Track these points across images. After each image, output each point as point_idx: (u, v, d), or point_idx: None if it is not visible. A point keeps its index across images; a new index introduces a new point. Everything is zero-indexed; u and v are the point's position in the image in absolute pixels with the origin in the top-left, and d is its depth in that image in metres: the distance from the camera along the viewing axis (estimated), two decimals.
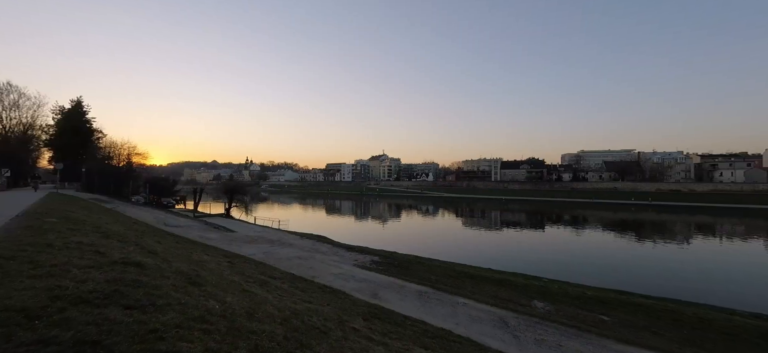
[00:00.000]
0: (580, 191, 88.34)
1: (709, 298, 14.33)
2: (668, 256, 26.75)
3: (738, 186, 76.54)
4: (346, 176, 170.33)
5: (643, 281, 18.26)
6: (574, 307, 10.59)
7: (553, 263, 22.67)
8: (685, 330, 9.37)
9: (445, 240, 33.02)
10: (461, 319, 7.95)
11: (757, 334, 9.37)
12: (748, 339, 8.99)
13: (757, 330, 9.62)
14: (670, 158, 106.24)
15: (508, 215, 55.79)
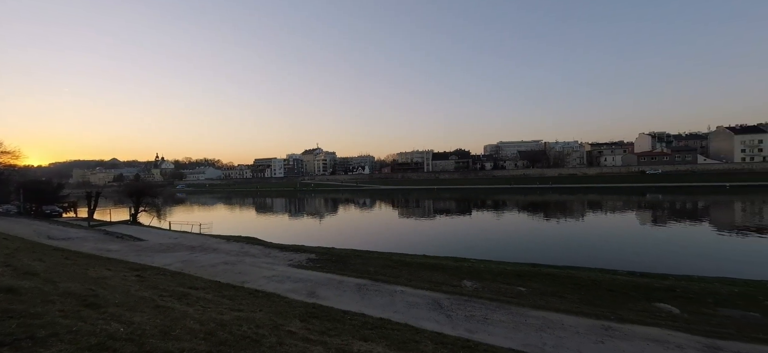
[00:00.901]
0: (500, 178, 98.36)
1: (597, 263, 17.23)
2: (568, 230, 31.44)
3: (617, 169, 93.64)
4: (277, 172, 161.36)
5: (550, 253, 21.17)
6: (498, 282, 11.74)
7: (479, 245, 24.88)
8: (582, 291, 11.10)
9: (383, 232, 33.76)
10: (399, 307, 8.17)
11: (632, 287, 11.58)
12: (626, 293, 11.04)
13: (631, 284, 11.89)
14: (569, 146, 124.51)
15: (440, 204, 59.39)
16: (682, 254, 20.99)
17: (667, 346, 6.15)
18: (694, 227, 31.24)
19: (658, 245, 24.41)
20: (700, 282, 12.54)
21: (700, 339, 6.46)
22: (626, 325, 7.13)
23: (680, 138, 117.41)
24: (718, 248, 22.97)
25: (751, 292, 11.16)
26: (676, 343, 6.25)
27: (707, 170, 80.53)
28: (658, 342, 6.28)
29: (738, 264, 17.76)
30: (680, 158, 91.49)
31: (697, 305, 9.94)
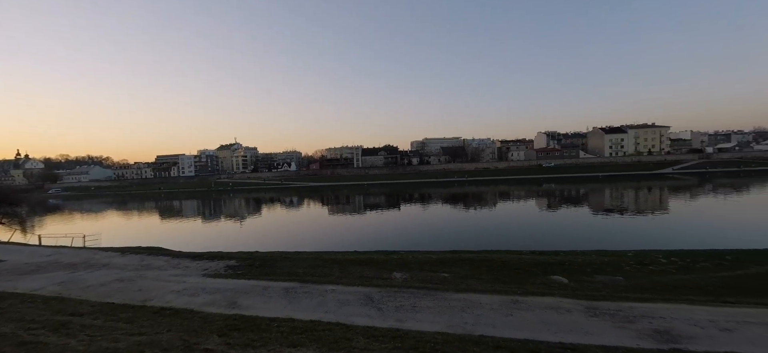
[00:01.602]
0: (426, 172, 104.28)
1: (507, 245, 19.56)
2: (483, 217, 34.99)
3: (521, 163, 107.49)
4: (186, 170, 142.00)
5: (469, 239, 23.29)
6: (425, 271, 12.42)
7: (408, 236, 26.03)
8: (495, 272, 12.45)
9: (312, 231, 32.84)
10: (330, 306, 8.03)
11: (533, 264, 13.42)
12: (529, 270, 12.75)
13: (533, 262, 13.78)
14: (483, 143, 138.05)
15: (370, 199, 60.30)
16: (569, 233, 25.22)
17: (559, 311, 7.27)
18: (577, 210, 37.78)
19: (552, 227, 28.89)
20: (582, 256, 15.18)
21: (583, 302, 7.81)
22: (529, 297, 8.22)
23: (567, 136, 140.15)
24: (593, 226, 28.22)
25: (616, 261, 13.93)
26: (566, 308, 7.43)
27: (586, 163, 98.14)
28: (554, 309, 7.39)
29: (607, 238, 22.11)
30: (567, 153, 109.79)
31: (580, 274, 12.01)
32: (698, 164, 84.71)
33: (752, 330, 6.01)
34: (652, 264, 13.15)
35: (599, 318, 6.85)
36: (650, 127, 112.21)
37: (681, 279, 10.99)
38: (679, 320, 6.54)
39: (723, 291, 9.19)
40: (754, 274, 11.05)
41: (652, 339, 5.83)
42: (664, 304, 7.51)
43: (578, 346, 5.48)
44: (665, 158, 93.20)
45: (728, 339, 5.70)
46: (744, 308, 7.13)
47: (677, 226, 26.59)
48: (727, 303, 7.59)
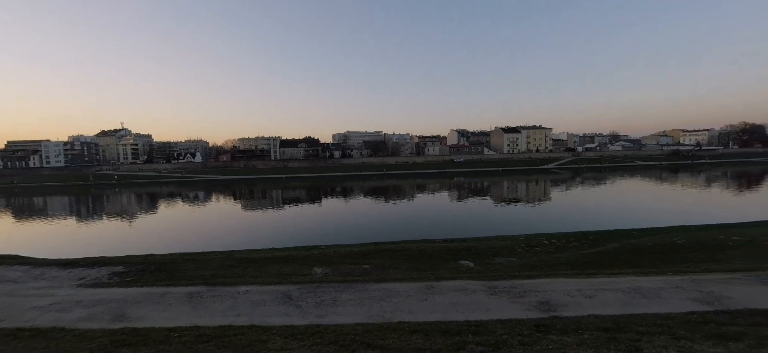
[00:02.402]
0: (348, 165, 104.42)
1: (423, 234, 20.90)
2: (402, 209, 36.72)
3: (436, 157, 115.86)
4: (53, 160, 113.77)
5: (389, 230, 24.18)
6: (346, 264, 12.41)
7: (330, 230, 25.70)
8: (412, 260, 13.17)
9: (222, 229, 29.88)
10: (243, 308, 7.40)
11: (445, 251, 14.62)
12: (442, 256, 13.84)
13: (445, 249, 15.00)
14: (403, 138, 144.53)
15: (289, 193, 57.65)
16: (475, 221, 28.26)
17: (466, 292, 8.06)
18: (482, 200, 42.56)
19: (461, 216, 31.96)
20: (485, 241, 17.15)
21: (486, 282, 8.81)
22: (442, 282, 8.91)
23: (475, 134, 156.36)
24: (494, 215, 32.18)
25: (511, 244, 16.11)
26: (472, 289, 8.28)
27: (489, 159, 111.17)
28: (462, 291, 8.15)
29: (505, 225, 25.43)
30: (475, 150, 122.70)
31: (483, 258, 13.54)
32: (572, 160, 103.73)
33: (607, 295, 7.60)
34: (538, 246, 15.61)
35: (498, 295, 7.81)
36: (538, 128, 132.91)
37: (558, 257, 13.29)
38: (556, 292, 7.87)
39: (587, 266, 11.42)
40: (609, 250, 14.03)
41: (537, 310, 6.89)
42: (546, 279, 8.96)
43: (481, 322, 6.14)
44: (549, 155, 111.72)
45: (590, 304, 7.10)
46: (601, 278, 8.97)
47: (556, 212, 32.15)
48: (590, 275, 9.44)
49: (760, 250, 12.66)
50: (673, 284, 8.20)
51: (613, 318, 6.14)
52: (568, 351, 4.65)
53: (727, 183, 54.88)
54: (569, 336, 5.22)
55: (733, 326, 5.44)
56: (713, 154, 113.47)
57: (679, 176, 67.34)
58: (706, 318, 5.99)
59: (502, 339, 5.22)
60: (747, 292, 7.53)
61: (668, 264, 10.86)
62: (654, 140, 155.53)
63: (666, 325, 5.62)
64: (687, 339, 4.93)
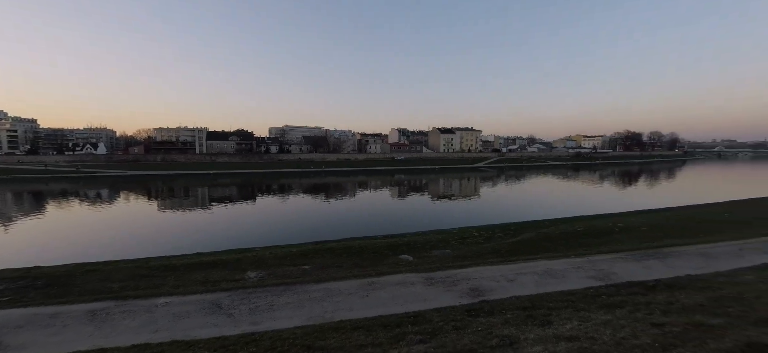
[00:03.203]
0: (286, 161, 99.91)
1: (365, 231, 21.07)
2: (345, 207, 36.48)
3: (378, 155, 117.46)
4: None
5: (331, 229, 23.79)
6: (284, 266, 11.88)
7: (266, 231, 24.28)
8: (354, 258, 13.17)
9: (135, 233, 26.19)
10: (162, 323, 6.60)
11: (386, 247, 14.93)
12: (383, 252, 14.10)
13: (386, 245, 15.32)
14: (344, 135, 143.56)
15: (218, 191, 52.99)
16: (414, 217, 29.40)
17: (406, 285, 8.34)
18: (420, 197, 44.45)
19: (401, 212, 32.95)
20: (423, 236, 17.96)
21: (423, 274, 9.23)
22: (383, 277, 9.08)
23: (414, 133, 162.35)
24: (432, 210, 33.87)
25: (446, 237, 17.13)
26: (411, 282, 8.61)
27: (428, 157, 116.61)
28: (402, 284, 8.41)
29: (441, 219, 26.93)
30: (414, 148, 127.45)
31: (421, 251, 14.17)
32: (498, 160, 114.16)
33: (525, 278, 8.54)
34: (469, 238, 16.88)
35: (434, 286, 8.24)
36: (470, 130, 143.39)
37: (486, 247, 14.54)
38: (484, 278, 8.60)
39: (509, 253, 12.70)
40: (526, 239, 15.77)
41: (468, 296, 7.44)
42: (476, 268, 9.72)
43: (419, 313, 6.41)
44: (479, 155, 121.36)
45: (512, 287, 7.91)
46: (520, 263, 10.04)
47: (485, 207, 35.11)
48: (512, 261, 10.52)
49: (636, 234, 15.51)
50: (575, 265, 9.58)
51: (530, 298, 6.93)
52: (494, 330, 5.12)
53: (614, 180, 66.22)
54: (495, 317, 5.75)
55: (617, 296, 6.55)
56: (605, 156, 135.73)
57: (580, 174, 79.07)
58: (599, 291, 7.12)
59: (439, 326, 5.52)
60: (627, 268, 9.16)
61: (571, 249, 12.66)
62: (562, 143, 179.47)
63: (570, 300, 6.54)
64: (585, 309, 5.80)
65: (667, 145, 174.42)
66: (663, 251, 11.04)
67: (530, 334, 4.58)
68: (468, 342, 4.46)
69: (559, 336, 4.34)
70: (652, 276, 8.24)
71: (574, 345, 3.91)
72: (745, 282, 7.08)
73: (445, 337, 5.05)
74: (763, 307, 5.03)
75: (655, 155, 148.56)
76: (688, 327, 4.20)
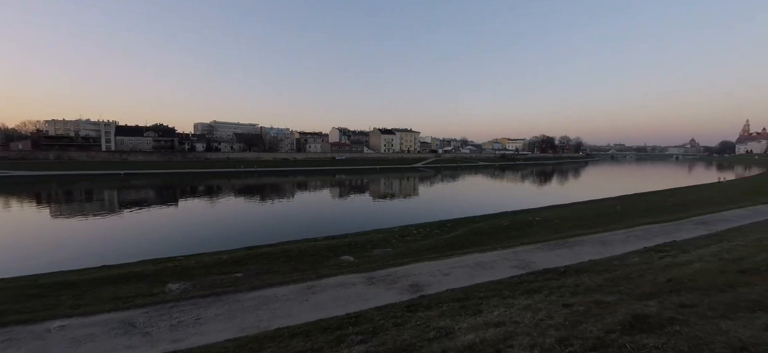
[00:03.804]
0: (215, 161, 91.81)
1: (305, 234, 20.36)
2: (283, 209, 34.84)
3: (319, 154, 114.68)
4: None
5: (267, 232, 22.48)
6: (213, 275, 10.87)
7: (190, 238, 21.99)
8: (293, 262, 12.63)
9: (17, 245, 21.60)
10: (58, 350, 5.53)
11: (327, 248, 14.62)
12: (323, 254, 13.77)
13: (327, 246, 14.99)
14: (282, 133, 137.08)
15: (131, 194, 46.41)
16: (356, 217, 29.36)
17: (347, 286, 8.26)
18: (362, 196, 44.59)
19: (343, 212, 32.67)
20: (364, 235, 18.02)
21: (364, 274, 9.24)
22: (323, 280, 8.87)
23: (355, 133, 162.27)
24: (373, 209, 34.21)
25: (387, 236, 17.44)
26: (352, 282, 8.55)
27: (369, 158, 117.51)
28: (343, 285, 8.31)
29: (382, 218, 27.34)
30: (355, 148, 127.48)
31: (363, 251, 14.19)
32: (435, 160, 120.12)
33: (458, 272, 9.10)
34: (409, 236, 17.43)
35: (375, 285, 8.31)
36: (409, 132, 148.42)
37: (424, 244, 15.17)
38: (423, 274, 8.95)
39: (445, 248, 13.43)
40: (460, 234, 16.83)
41: (408, 292, 7.66)
42: (415, 264, 10.07)
43: (360, 313, 6.40)
44: (418, 156, 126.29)
45: (447, 281, 8.36)
46: (455, 258, 10.68)
47: (423, 205, 36.64)
48: (447, 256, 11.13)
49: (551, 226, 17.65)
50: (502, 256, 10.52)
51: (463, 290, 7.40)
52: (432, 323, 5.34)
53: (533, 179, 74.61)
54: (432, 310, 6.00)
55: (536, 283, 7.36)
56: (526, 157, 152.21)
57: (505, 174, 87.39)
58: (521, 279, 7.91)
59: (380, 324, 5.57)
60: (543, 257, 10.35)
61: (499, 241, 13.90)
62: (490, 145, 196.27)
63: (497, 289, 7.15)
64: (510, 296, 6.39)
65: (574, 148, 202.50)
66: (571, 240, 12.75)
67: (464, 323, 4.87)
68: (407, 338, 4.57)
69: (488, 323, 4.70)
70: (563, 263, 9.44)
71: (501, 330, 4.26)
72: (632, 264, 8.52)
73: (386, 335, 5.11)
74: (645, 284, 6.10)
75: (565, 157, 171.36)
76: (590, 305, 4.89)
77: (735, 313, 3.75)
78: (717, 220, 16.38)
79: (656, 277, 6.50)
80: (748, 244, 9.45)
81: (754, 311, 3.76)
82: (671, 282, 5.80)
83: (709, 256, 8.19)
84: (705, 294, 4.68)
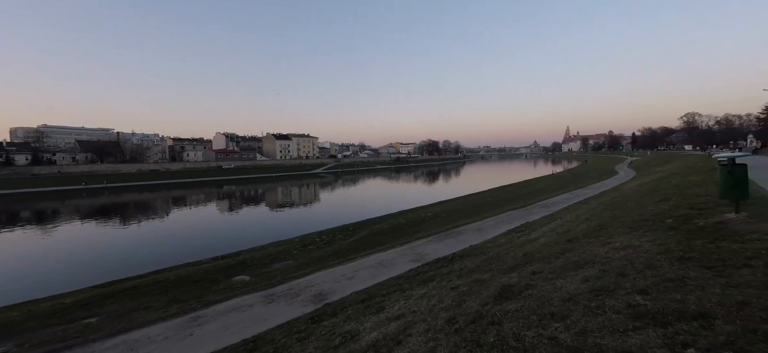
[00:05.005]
0: (46, 177, 70.49)
1: (186, 257, 17.52)
2: (154, 231, 29.16)
3: (199, 164, 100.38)
4: None
5: (134, 262, 18.40)
6: (49, 327, 8.30)
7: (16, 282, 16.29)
8: (171, 292, 10.71)
9: None
10: None
11: (216, 271, 12.94)
12: (211, 278, 12.13)
13: (215, 268, 13.28)
14: (149, 140, 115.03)
15: None
16: (250, 231, 26.84)
17: (241, 309, 7.47)
18: (256, 208, 41.10)
19: (234, 228, 29.45)
20: (261, 250, 16.68)
21: (263, 292, 8.53)
22: (212, 307, 7.80)
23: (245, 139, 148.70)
24: (270, 221, 31.95)
25: (288, 248, 16.55)
26: (248, 304, 7.78)
27: (262, 165, 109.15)
28: (237, 309, 7.48)
29: (281, 230, 25.76)
30: (246, 156, 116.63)
31: (260, 267, 13.09)
32: (335, 166, 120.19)
33: (362, 273, 9.30)
34: (311, 244, 16.95)
35: (275, 301, 7.77)
36: (307, 137, 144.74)
37: (327, 251, 14.99)
38: (327, 282, 8.82)
39: (349, 252, 13.56)
40: (363, 236, 17.26)
41: (312, 303, 7.42)
42: (318, 273, 9.84)
43: (259, 335, 5.88)
44: (317, 162, 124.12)
45: (351, 284, 8.45)
46: (358, 260, 10.89)
47: (325, 211, 36.18)
48: (351, 259, 11.26)
49: (440, 220, 19.81)
50: (401, 253, 11.26)
51: (366, 290, 7.61)
52: (337, 329, 5.31)
53: (424, 179, 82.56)
54: (337, 317, 5.97)
55: (430, 272, 8.14)
56: (417, 160, 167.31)
57: (400, 175, 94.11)
58: (418, 271, 8.62)
59: (282, 343, 5.22)
60: (435, 248, 11.54)
61: (398, 239, 14.84)
62: (386, 149, 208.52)
63: (398, 284, 7.62)
64: (409, 289, 6.89)
65: (454, 150, 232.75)
66: (455, 230, 14.59)
67: (368, 323, 5.01)
68: (312, 350, 4.43)
69: (390, 318, 4.95)
70: (451, 251, 10.71)
71: (401, 322, 4.55)
72: (500, 245, 10.27)
73: (289, 351, 4.84)
74: (509, 260, 7.43)
75: (448, 158, 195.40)
76: (472, 284, 5.68)
77: (565, 273, 4.93)
78: (552, 203, 21.28)
79: (516, 253, 8.01)
80: (571, 220, 12.57)
81: (576, 269, 5.03)
82: (526, 255, 7.24)
83: (549, 231, 10.56)
84: (547, 262, 6.01)
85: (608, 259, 4.90)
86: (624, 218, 8.25)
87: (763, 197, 7.54)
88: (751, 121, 79.44)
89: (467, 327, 3.61)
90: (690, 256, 4.19)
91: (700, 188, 10.21)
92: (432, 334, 3.73)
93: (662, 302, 3.01)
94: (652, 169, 34.76)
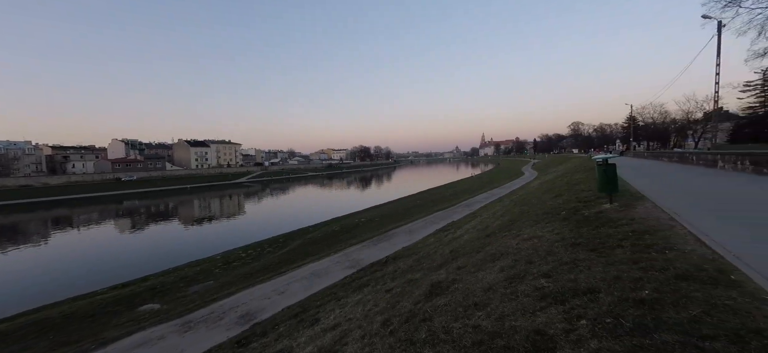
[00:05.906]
0: None
1: (75, 290, 14.50)
2: (24, 264, 23.49)
3: (90, 176, 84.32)
4: None
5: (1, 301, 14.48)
6: None
7: None
8: (52, 335, 8.74)
9: None
10: None
11: (115, 301, 11.00)
12: (109, 311, 10.25)
13: (115, 299, 11.27)
14: (16, 148, 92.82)
15: None
16: (161, 252, 23.44)
17: (151, 343, 6.48)
18: (167, 225, 36.17)
19: (139, 251, 25.38)
20: (175, 272, 14.72)
21: (177, 321, 7.53)
22: (110, 346, 6.60)
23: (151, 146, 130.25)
24: (186, 239, 28.42)
25: (208, 267, 14.92)
26: (159, 335, 6.78)
27: (174, 175, 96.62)
28: (144, 344, 6.45)
29: (200, 248, 23.09)
30: (152, 165, 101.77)
31: (173, 293, 11.54)
32: (261, 174, 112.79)
33: (295, 286, 8.87)
34: (236, 261, 15.58)
35: (194, 329, 6.93)
36: (228, 143, 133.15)
37: (255, 266, 13.95)
38: (255, 299, 8.19)
39: (280, 265, 12.82)
40: (295, 247, 16.49)
41: (238, 325, 6.81)
42: (245, 291, 9.09)
43: None
44: (241, 170, 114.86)
45: (283, 299, 7.99)
46: (290, 273, 10.37)
47: (252, 224, 33.61)
48: (282, 273, 10.66)
49: (373, 224, 20.07)
50: (335, 260, 11.08)
51: (300, 303, 7.29)
52: (268, 349, 4.96)
53: (357, 184, 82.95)
54: (268, 336, 5.59)
55: (365, 277, 8.17)
56: (350, 166, 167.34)
57: (333, 182, 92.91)
58: (353, 277, 8.58)
59: None
60: (369, 253, 11.64)
61: (332, 247, 14.57)
62: (318, 155, 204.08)
63: (333, 292, 7.47)
64: (344, 296, 6.81)
65: (385, 156, 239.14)
66: (388, 234, 14.94)
67: (302, 338, 4.79)
68: None
69: (325, 329, 4.82)
70: (384, 254, 10.92)
71: (337, 332, 4.46)
72: (429, 244, 10.84)
73: None
74: (437, 258, 7.88)
75: (380, 164, 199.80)
76: (405, 285, 5.87)
77: (485, 265, 5.44)
78: (473, 203, 23.34)
79: (444, 251, 8.56)
80: (489, 217, 13.94)
81: (494, 261, 5.59)
82: (452, 252, 7.78)
83: (471, 229, 11.54)
84: (470, 257, 6.55)
85: (519, 249, 5.55)
86: (530, 213, 9.46)
87: (627, 190, 9.42)
88: (618, 128, 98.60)
89: (401, 327, 3.71)
90: (579, 242, 4.99)
91: (585, 185, 12.29)
92: (368, 339, 3.74)
93: (561, 282, 3.52)
94: (550, 169, 40.68)
